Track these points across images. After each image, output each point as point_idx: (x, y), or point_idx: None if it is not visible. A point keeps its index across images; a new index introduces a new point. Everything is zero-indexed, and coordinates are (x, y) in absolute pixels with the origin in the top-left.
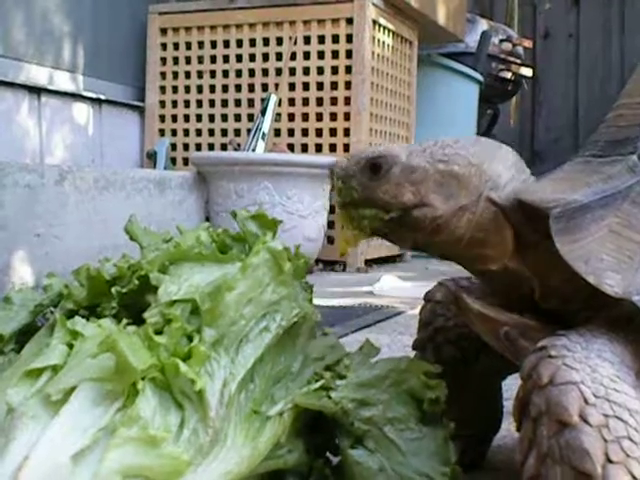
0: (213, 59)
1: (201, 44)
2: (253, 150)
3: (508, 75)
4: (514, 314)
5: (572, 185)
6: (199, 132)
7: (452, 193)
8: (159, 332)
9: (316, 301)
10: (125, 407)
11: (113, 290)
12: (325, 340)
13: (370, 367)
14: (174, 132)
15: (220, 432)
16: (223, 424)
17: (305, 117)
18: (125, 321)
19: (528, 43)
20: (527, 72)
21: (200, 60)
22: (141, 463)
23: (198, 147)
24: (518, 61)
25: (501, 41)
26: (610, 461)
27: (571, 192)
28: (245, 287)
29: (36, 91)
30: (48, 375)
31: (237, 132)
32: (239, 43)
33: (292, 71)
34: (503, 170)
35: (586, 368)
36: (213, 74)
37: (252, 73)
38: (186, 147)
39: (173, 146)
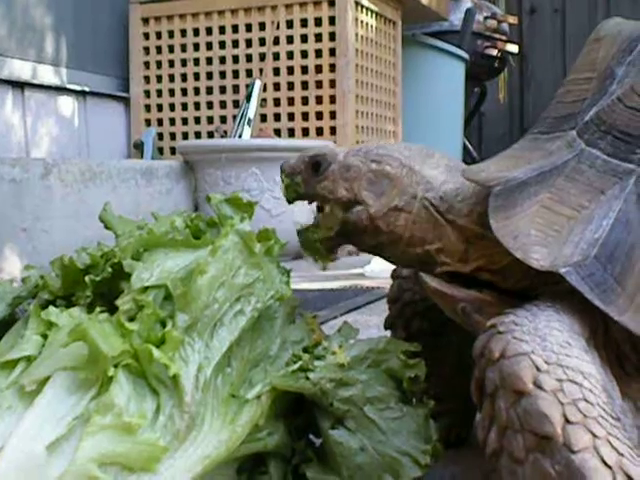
0: (196, 47)
1: (184, 32)
2: (239, 136)
3: (494, 52)
4: (472, 290)
5: (515, 163)
6: (185, 121)
7: (383, 191)
8: (132, 319)
9: (306, 285)
10: (99, 395)
11: (87, 279)
12: (304, 323)
13: (349, 348)
14: (160, 122)
15: (197, 417)
16: (199, 409)
17: (291, 101)
18: (99, 309)
19: (513, 19)
20: (513, 49)
21: (183, 48)
22: (117, 450)
23: (185, 136)
24: (504, 38)
25: (486, 18)
26: (569, 422)
27: (512, 170)
28: (216, 270)
29: (20, 85)
30: (22, 366)
31: (223, 119)
32: (222, 30)
33: (276, 56)
34: (437, 174)
35: (535, 339)
36: (197, 62)
37: (236, 59)
38: (173, 136)
39: (160, 135)
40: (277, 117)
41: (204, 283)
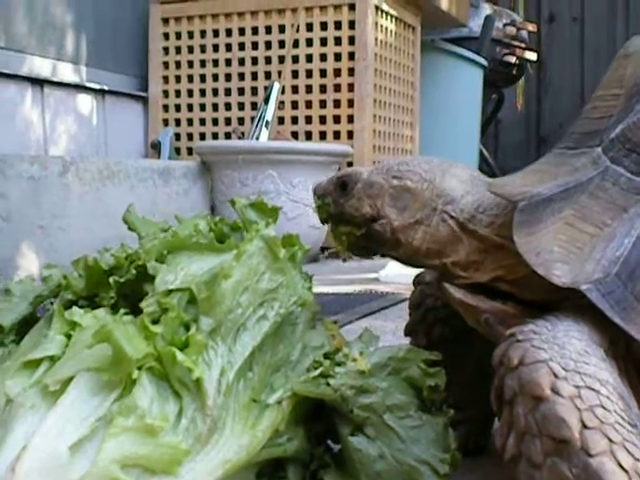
0: (215, 48)
1: (203, 33)
2: (257, 138)
3: (512, 59)
4: (496, 302)
5: (541, 178)
6: (203, 121)
7: (406, 206)
8: (156, 321)
9: (321, 288)
10: (122, 397)
11: (111, 280)
12: (325, 329)
13: (369, 355)
14: (178, 122)
15: (218, 421)
16: (221, 413)
17: (308, 104)
18: (123, 311)
19: (532, 27)
20: (532, 56)
21: (202, 49)
22: (139, 452)
23: (202, 136)
24: (522, 45)
25: (505, 25)
26: (586, 427)
27: (538, 185)
28: (240, 275)
29: (39, 83)
30: (46, 366)
31: (241, 121)
32: (241, 31)
33: (295, 58)
34: (457, 184)
35: (554, 346)
36: (216, 63)
37: (255, 61)
38: (190, 137)
39: (177, 136)
40: (295, 120)
41: (228, 287)
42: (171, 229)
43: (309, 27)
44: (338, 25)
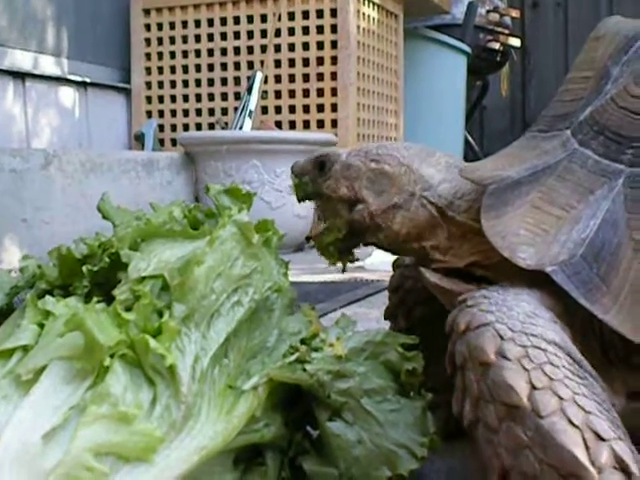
0: (197, 38)
1: (185, 23)
2: (240, 128)
3: (496, 46)
4: (471, 284)
5: (511, 162)
6: (186, 112)
7: (383, 190)
8: (129, 309)
9: (306, 277)
10: (95, 385)
11: (84, 269)
12: (302, 315)
13: (346, 340)
14: (161, 113)
15: (193, 407)
16: (196, 399)
17: (292, 94)
18: (96, 299)
19: (516, 13)
20: (515, 42)
21: (185, 40)
22: (113, 440)
23: (185, 127)
24: (506, 31)
25: (488, 12)
26: (535, 388)
27: (508, 168)
28: (213, 261)
29: (20, 76)
30: (19, 355)
31: (224, 111)
32: (223, 21)
33: (277, 48)
34: (435, 172)
35: (502, 308)
36: (198, 53)
37: (237, 51)
38: (174, 128)
39: (160, 127)
40: (278, 109)
41: (201, 274)
42: (145, 217)
43: (291, 16)
44: (320, 13)
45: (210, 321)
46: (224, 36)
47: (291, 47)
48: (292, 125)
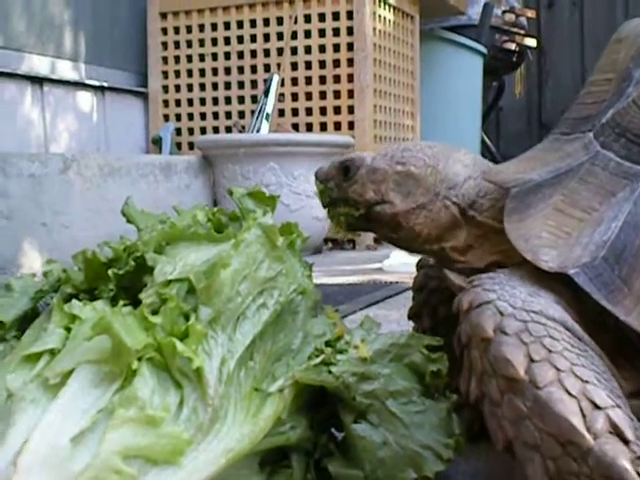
0: (214, 42)
1: (202, 27)
2: (257, 131)
3: (512, 46)
4: None
5: (534, 165)
6: (203, 116)
7: (410, 191)
8: (155, 312)
9: (325, 279)
10: (123, 388)
11: (110, 272)
12: (325, 317)
13: (371, 342)
14: (178, 117)
15: (220, 410)
16: (223, 402)
17: (308, 96)
18: (122, 302)
19: (531, 13)
20: (531, 43)
21: (201, 43)
22: (141, 443)
23: (203, 131)
24: (522, 32)
25: (504, 12)
26: (533, 360)
27: (530, 171)
28: (239, 264)
29: (38, 81)
30: (46, 359)
31: (241, 114)
32: (240, 24)
33: (294, 50)
34: (460, 168)
35: (505, 287)
36: (215, 57)
37: (254, 54)
38: (191, 131)
39: (178, 131)
40: (295, 112)
41: (227, 276)
42: (169, 220)
43: (307, 18)
44: (336, 16)
45: (236, 324)
46: (241, 39)
47: (307, 49)
48: (309, 127)
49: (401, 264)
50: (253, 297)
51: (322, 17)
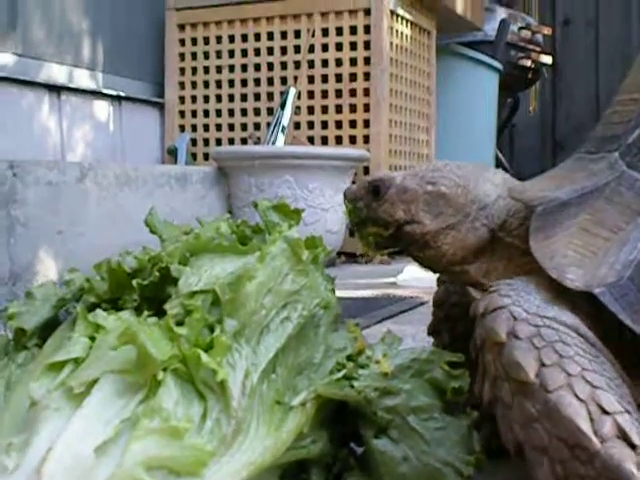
0: (231, 53)
1: (219, 39)
2: (273, 143)
3: (528, 63)
4: None
5: (559, 183)
6: (219, 127)
7: (441, 211)
8: (180, 323)
9: (339, 293)
10: (147, 399)
11: (134, 282)
12: (346, 331)
13: (392, 357)
14: (194, 127)
15: (243, 422)
16: (246, 414)
17: (324, 109)
18: (146, 313)
19: (547, 30)
20: (547, 60)
21: (218, 55)
22: (164, 454)
23: (218, 142)
24: (538, 49)
25: (520, 29)
26: (544, 365)
27: (556, 190)
28: (264, 277)
29: (56, 89)
30: (70, 368)
31: (257, 126)
32: (257, 37)
33: (311, 63)
34: (491, 188)
35: (521, 293)
36: (232, 68)
37: (271, 67)
38: (206, 142)
39: (193, 141)
40: (311, 125)
41: (252, 289)
42: (193, 232)
43: (325, 32)
44: (354, 30)
45: (260, 336)
46: (258, 52)
47: (324, 63)
48: (324, 141)
49: (415, 279)
50: (277, 310)
51: (340, 31)
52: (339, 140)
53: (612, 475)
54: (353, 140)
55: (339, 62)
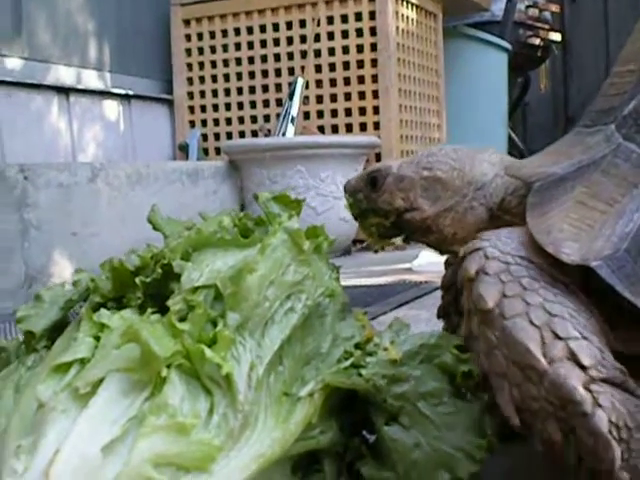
0: (238, 46)
1: (225, 32)
2: (283, 135)
3: (537, 41)
4: None
5: (557, 158)
6: (229, 121)
7: (438, 196)
8: (183, 319)
9: (354, 281)
10: (153, 396)
11: (137, 280)
12: (354, 320)
13: (400, 343)
14: (204, 122)
15: (250, 416)
16: (253, 407)
17: (333, 98)
18: (150, 310)
19: (555, 7)
20: (556, 37)
21: (225, 48)
22: (171, 451)
23: (229, 136)
24: (546, 26)
25: (527, 7)
26: (505, 296)
27: (553, 165)
28: (265, 269)
29: (64, 91)
30: (76, 369)
31: (266, 118)
32: (262, 28)
33: (317, 53)
34: (488, 167)
35: (501, 237)
36: (239, 61)
37: (277, 58)
38: (217, 136)
39: (204, 136)
40: (320, 114)
41: (254, 282)
42: (195, 227)
43: (330, 20)
44: (359, 16)
45: (264, 329)
46: (264, 43)
47: (331, 51)
48: (334, 129)
49: (430, 263)
50: (280, 301)
51: (345, 18)
52: (349, 128)
53: (559, 393)
54: (364, 127)
55: (346, 50)
